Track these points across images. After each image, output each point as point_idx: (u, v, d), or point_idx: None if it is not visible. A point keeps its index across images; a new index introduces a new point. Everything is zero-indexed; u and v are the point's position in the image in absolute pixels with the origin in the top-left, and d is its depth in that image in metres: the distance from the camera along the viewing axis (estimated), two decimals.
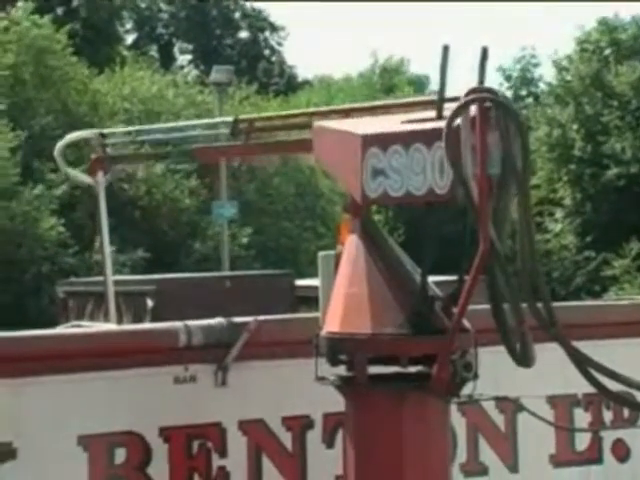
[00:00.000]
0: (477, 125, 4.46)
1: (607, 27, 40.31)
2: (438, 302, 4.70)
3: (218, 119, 6.58)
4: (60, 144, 7.72)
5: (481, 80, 4.62)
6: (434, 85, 49.92)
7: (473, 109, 4.43)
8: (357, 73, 58.18)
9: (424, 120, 4.71)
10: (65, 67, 30.11)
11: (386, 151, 4.63)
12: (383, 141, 4.66)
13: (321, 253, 5.06)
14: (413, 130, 4.62)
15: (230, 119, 6.18)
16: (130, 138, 7.02)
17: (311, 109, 6.06)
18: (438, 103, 4.68)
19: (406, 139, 4.60)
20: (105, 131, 7.02)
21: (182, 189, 30.22)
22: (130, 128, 6.86)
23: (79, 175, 7.60)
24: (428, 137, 4.53)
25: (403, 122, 4.80)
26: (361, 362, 4.64)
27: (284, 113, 6.28)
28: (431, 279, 4.80)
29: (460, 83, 4.79)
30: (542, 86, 46.72)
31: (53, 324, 13.06)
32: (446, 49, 4.64)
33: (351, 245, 4.78)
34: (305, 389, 5.12)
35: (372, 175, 4.67)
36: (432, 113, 4.71)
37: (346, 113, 5.54)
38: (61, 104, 29.43)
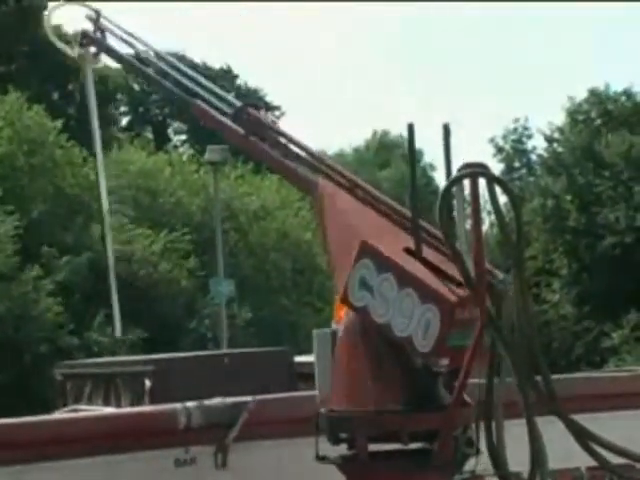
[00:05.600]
0: (471, 200, 4.51)
1: (598, 98, 40.71)
2: (440, 377, 4.69)
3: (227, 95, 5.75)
4: (49, 11, 7.11)
5: (447, 156, 4.64)
6: (427, 158, 50.17)
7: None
8: (351, 148, 58.60)
9: (424, 262, 4.56)
10: (58, 153, 30.31)
11: (380, 273, 4.52)
12: (380, 262, 4.53)
13: (316, 331, 4.99)
14: (411, 274, 4.48)
15: (238, 103, 5.61)
16: (125, 37, 6.39)
17: (322, 156, 5.48)
18: (415, 238, 4.56)
19: (401, 277, 4.49)
20: (103, 13, 6.47)
21: (180, 268, 30.26)
22: (131, 32, 6.16)
23: (65, 47, 7.04)
24: (422, 293, 4.42)
25: (405, 249, 4.65)
26: (362, 440, 4.61)
27: (294, 138, 5.53)
28: None
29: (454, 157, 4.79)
30: (534, 157, 47.07)
31: (52, 406, 12.97)
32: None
33: (349, 323, 4.77)
34: (306, 468, 5.07)
35: (359, 284, 4.58)
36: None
37: (351, 187, 5.11)
38: (55, 189, 29.60)
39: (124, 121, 49.38)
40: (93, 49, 6.73)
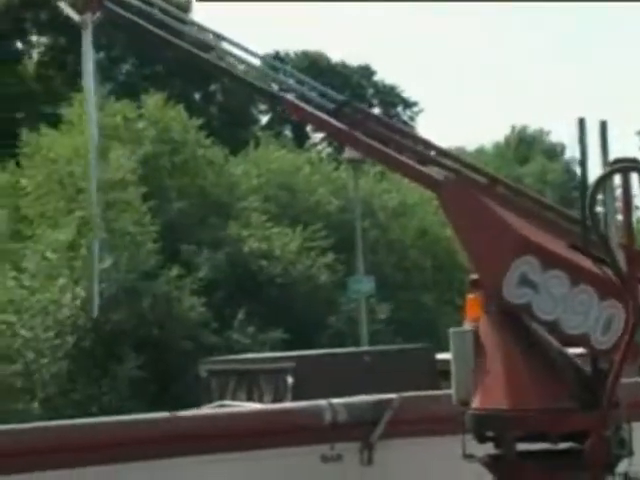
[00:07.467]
0: (622, 194, 4.41)
1: None
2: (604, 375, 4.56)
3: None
4: None
5: (604, 153, 4.58)
6: (569, 153, 49.20)
7: None
8: (491, 144, 57.93)
9: (593, 258, 4.47)
10: (199, 153, 30.82)
11: (546, 270, 4.46)
12: (546, 258, 4.48)
13: (453, 329, 4.94)
14: (587, 271, 4.44)
15: (341, 98, 5.38)
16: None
17: (454, 153, 5.24)
18: (583, 239, 4.48)
19: (576, 274, 4.43)
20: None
21: (318, 266, 30.44)
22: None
23: (69, 10, 6.85)
24: (603, 288, 4.38)
25: (570, 247, 4.59)
26: (510, 439, 4.54)
27: (410, 132, 5.25)
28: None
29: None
30: None
31: (197, 402, 13.20)
32: (582, 122, 4.57)
33: (498, 321, 4.66)
34: (451, 466, 5.02)
35: (519, 281, 4.51)
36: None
37: (491, 183, 4.87)
38: (198, 189, 30.07)
39: (264, 120, 50.00)
40: (97, 14, 6.46)
